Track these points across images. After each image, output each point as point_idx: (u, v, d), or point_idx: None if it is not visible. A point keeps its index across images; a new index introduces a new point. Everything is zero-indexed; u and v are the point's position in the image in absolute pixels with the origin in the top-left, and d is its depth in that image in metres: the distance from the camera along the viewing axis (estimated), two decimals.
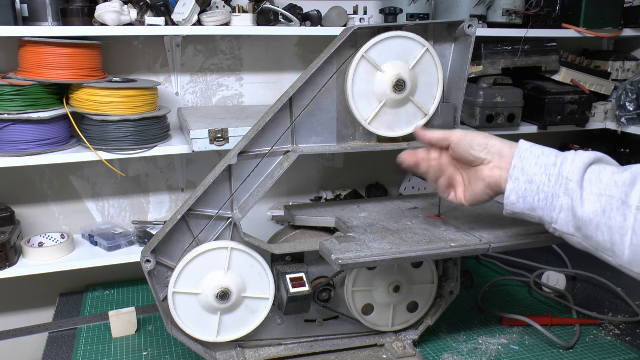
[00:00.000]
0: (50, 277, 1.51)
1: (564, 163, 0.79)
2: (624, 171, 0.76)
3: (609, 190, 0.74)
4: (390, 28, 1.06)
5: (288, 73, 1.74)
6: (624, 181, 0.74)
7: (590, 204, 0.75)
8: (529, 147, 0.84)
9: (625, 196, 0.72)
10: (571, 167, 0.78)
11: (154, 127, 1.42)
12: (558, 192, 0.77)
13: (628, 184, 0.73)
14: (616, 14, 1.76)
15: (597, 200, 0.74)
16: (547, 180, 0.79)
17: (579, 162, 0.78)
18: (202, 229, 1.07)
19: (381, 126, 1.11)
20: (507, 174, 0.84)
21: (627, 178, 0.74)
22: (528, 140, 0.87)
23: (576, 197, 0.75)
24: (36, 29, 1.28)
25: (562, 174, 0.78)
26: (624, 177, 0.74)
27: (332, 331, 1.21)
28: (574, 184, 0.76)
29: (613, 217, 0.72)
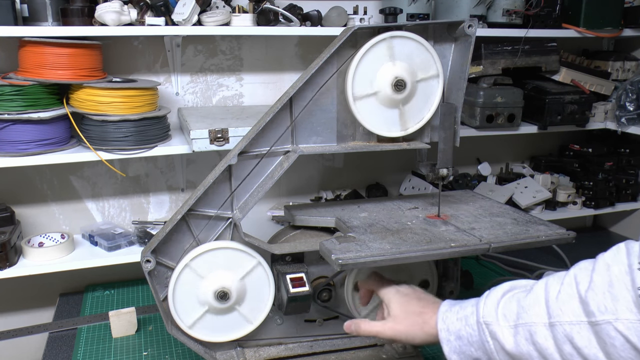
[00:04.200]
0: (50, 277, 1.51)
1: (479, 308, 0.82)
2: (527, 292, 0.78)
3: (522, 318, 0.76)
4: (390, 28, 1.06)
5: (288, 73, 1.74)
6: (529, 304, 0.76)
7: (511, 338, 0.76)
8: (448, 307, 0.87)
9: (536, 317, 0.74)
10: (485, 310, 0.80)
11: (154, 127, 1.42)
12: (485, 338, 0.79)
13: (533, 305, 0.75)
14: (616, 14, 1.76)
15: (516, 331, 0.76)
16: (472, 331, 0.81)
17: (491, 302, 0.81)
18: (202, 229, 1.07)
19: (381, 126, 1.11)
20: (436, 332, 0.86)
21: (532, 300, 0.76)
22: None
23: (499, 336, 0.77)
24: (36, 29, 1.28)
25: (480, 320, 0.80)
26: (529, 301, 0.76)
27: (332, 331, 1.21)
28: (493, 325, 0.78)
29: (536, 340, 0.74)
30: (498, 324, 0.78)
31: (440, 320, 0.85)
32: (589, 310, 0.69)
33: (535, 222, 1.11)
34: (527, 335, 0.74)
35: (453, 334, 0.83)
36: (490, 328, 0.78)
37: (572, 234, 1.06)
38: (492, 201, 1.27)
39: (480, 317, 0.80)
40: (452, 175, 1.13)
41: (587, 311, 0.69)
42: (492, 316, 0.79)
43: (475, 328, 0.80)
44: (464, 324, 0.82)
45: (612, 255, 0.71)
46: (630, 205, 2.02)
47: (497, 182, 1.94)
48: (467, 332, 0.81)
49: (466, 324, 0.82)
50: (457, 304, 0.86)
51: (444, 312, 0.86)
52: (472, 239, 1.02)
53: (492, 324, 0.78)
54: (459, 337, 0.82)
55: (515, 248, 1.03)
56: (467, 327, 0.81)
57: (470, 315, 0.82)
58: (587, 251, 1.97)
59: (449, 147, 1.11)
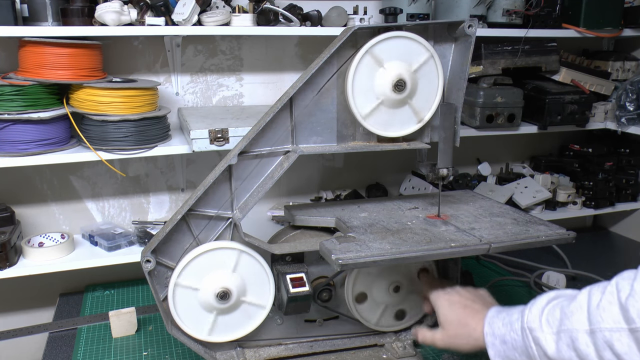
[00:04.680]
0: (50, 277, 1.51)
1: (524, 314, 0.84)
2: (571, 301, 0.79)
3: (564, 325, 0.77)
4: (390, 28, 1.06)
5: (288, 73, 1.74)
6: (571, 311, 0.77)
7: (554, 344, 0.78)
8: (495, 313, 0.90)
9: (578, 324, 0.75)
10: (530, 317, 0.83)
11: (154, 127, 1.42)
12: (529, 344, 0.81)
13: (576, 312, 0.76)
14: (616, 14, 1.76)
15: (558, 338, 0.78)
16: (516, 336, 0.84)
17: (536, 309, 0.83)
18: (202, 228, 1.07)
19: (376, 124, 1.11)
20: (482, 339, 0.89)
21: (575, 307, 0.77)
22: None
23: (542, 342, 0.79)
24: (36, 29, 1.28)
25: (525, 325, 0.82)
26: (572, 308, 0.78)
27: (332, 331, 1.21)
28: (537, 331, 0.81)
29: (578, 347, 0.75)
30: (541, 330, 0.80)
31: (487, 324, 0.89)
32: (629, 317, 0.69)
33: (535, 222, 1.11)
34: (569, 341, 0.76)
35: (498, 338, 0.86)
36: (534, 334, 0.81)
37: (572, 234, 1.06)
38: (492, 201, 1.27)
39: (525, 322, 0.82)
40: (452, 175, 1.14)
41: (627, 318, 0.70)
42: (536, 322, 0.81)
43: (519, 333, 0.83)
44: (509, 329, 0.85)
45: None
46: (630, 205, 2.02)
47: (497, 182, 1.94)
48: (511, 337, 0.84)
49: (511, 329, 0.84)
50: (504, 310, 0.90)
51: (491, 318, 0.90)
52: (472, 239, 1.02)
53: (536, 330, 0.80)
54: (503, 342, 0.85)
55: (515, 248, 1.03)
56: (512, 333, 0.84)
57: (516, 321, 0.84)
58: (587, 251, 1.97)
59: (449, 147, 1.11)
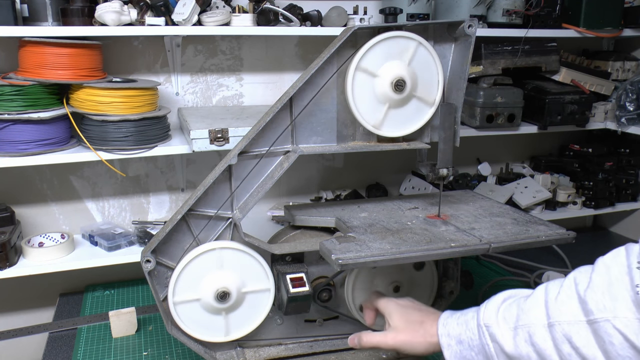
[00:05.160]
0: (50, 277, 1.51)
1: (479, 312, 0.82)
2: (528, 297, 0.78)
3: (521, 320, 0.76)
4: (390, 28, 1.06)
5: (288, 73, 1.74)
6: (528, 307, 0.76)
7: (511, 340, 0.77)
8: (449, 314, 0.88)
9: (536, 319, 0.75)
10: (486, 314, 0.81)
11: (154, 127, 1.42)
12: (485, 341, 0.80)
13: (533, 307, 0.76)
14: (616, 14, 1.76)
15: (515, 333, 0.76)
16: (472, 334, 0.82)
17: (492, 306, 0.81)
18: (202, 228, 1.07)
19: (390, 128, 1.11)
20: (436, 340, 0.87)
21: (532, 302, 0.77)
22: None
23: (499, 338, 0.78)
24: (36, 29, 1.28)
25: (481, 322, 0.81)
26: (528, 304, 0.77)
27: (332, 331, 1.21)
28: (493, 327, 0.79)
29: (535, 342, 0.74)
30: (498, 326, 0.78)
31: (441, 325, 0.86)
32: (587, 309, 0.69)
33: (535, 222, 1.11)
34: (527, 336, 0.75)
35: (454, 338, 0.84)
36: (490, 330, 0.79)
37: (572, 234, 1.06)
38: (492, 201, 1.27)
39: (481, 320, 0.81)
40: (452, 175, 1.13)
41: (585, 310, 0.69)
42: (493, 319, 0.79)
43: (475, 332, 0.81)
44: (464, 328, 0.83)
45: (611, 257, 0.71)
46: (630, 205, 2.02)
47: (497, 182, 1.94)
48: (467, 336, 0.82)
49: (467, 328, 0.82)
50: (459, 311, 0.87)
51: (445, 319, 0.87)
52: (472, 239, 1.02)
53: (492, 326, 0.79)
54: (459, 342, 0.83)
55: (515, 248, 1.03)
56: (467, 331, 0.82)
57: (471, 320, 0.82)
58: (587, 251, 1.98)
59: (449, 147, 1.11)
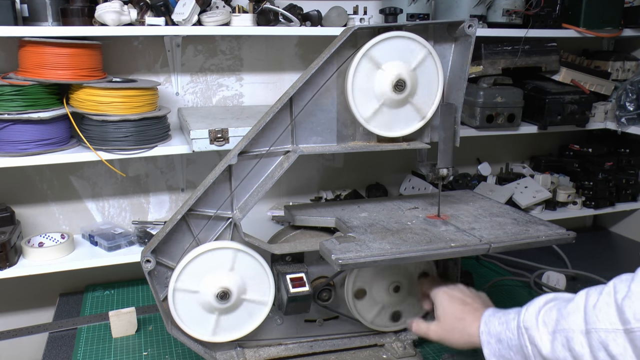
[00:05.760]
0: (50, 277, 1.51)
1: (521, 314, 0.84)
2: (568, 302, 0.79)
3: (560, 325, 0.77)
4: (390, 28, 1.06)
5: (288, 73, 1.74)
6: (568, 312, 0.77)
7: (549, 344, 0.78)
8: (492, 312, 0.91)
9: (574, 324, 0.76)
10: (526, 316, 0.83)
11: (154, 127, 1.42)
12: (524, 343, 0.82)
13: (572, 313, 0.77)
14: (616, 14, 1.76)
15: (554, 337, 0.78)
16: (511, 335, 0.84)
17: (533, 309, 0.83)
18: (202, 228, 1.07)
19: (379, 125, 1.11)
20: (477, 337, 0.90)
21: (571, 308, 0.78)
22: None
23: (538, 341, 0.80)
24: (36, 29, 1.28)
25: (521, 324, 0.83)
26: (568, 309, 0.78)
27: (332, 331, 1.21)
28: (532, 330, 0.81)
29: (573, 347, 0.75)
30: (537, 329, 0.80)
31: (483, 323, 0.89)
32: (624, 318, 0.69)
33: (535, 222, 1.11)
34: (564, 341, 0.76)
35: (494, 336, 0.86)
36: (529, 333, 0.81)
37: (572, 234, 1.06)
38: (492, 201, 1.27)
39: (521, 321, 0.83)
40: (452, 175, 1.14)
41: (622, 319, 0.70)
42: (532, 322, 0.81)
43: (515, 332, 0.83)
44: (504, 328, 0.85)
45: None
46: (630, 205, 2.02)
47: (497, 182, 1.94)
48: (507, 336, 0.84)
49: (507, 328, 0.85)
50: (501, 310, 0.90)
51: (488, 317, 0.90)
52: (472, 239, 1.02)
53: (532, 329, 0.81)
54: (499, 341, 0.85)
55: (515, 248, 1.03)
56: (507, 331, 0.84)
57: (512, 320, 0.85)
58: (587, 251, 1.97)
59: (449, 147, 1.11)
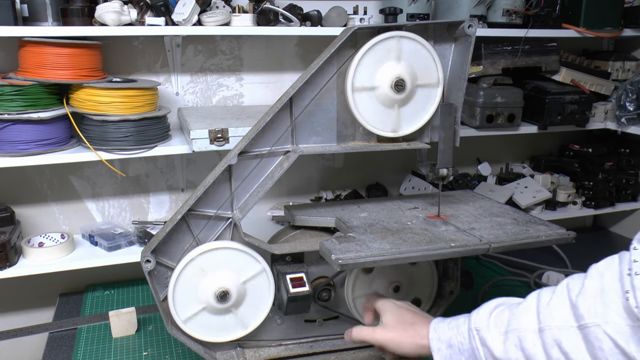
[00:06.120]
0: (50, 277, 1.51)
1: (471, 317, 0.83)
2: (520, 304, 0.79)
3: (512, 325, 0.77)
4: (390, 28, 1.06)
5: (288, 73, 1.74)
6: (520, 312, 0.77)
7: (501, 344, 0.77)
8: (441, 319, 0.89)
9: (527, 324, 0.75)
10: (477, 318, 0.82)
11: (154, 127, 1.42)
12: (475, 345, 0.80)
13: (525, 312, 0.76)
14: (616, 14, 1.76)
15: (506, 338, 0.77)
16: (462, 339, 0.82)
17: (483, 311, 0.82)
18: (202, 228, 1.07)
19: (408, 124, 1.11)
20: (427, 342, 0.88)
21: (523, 308, 0.77)
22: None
23: (489, 342, 0.78)
24: (36, 29, 1.28)
25: (472, 327, 0.81)
26: (520, 309, 0.77)
27: (332, 331, 1.21)
28: (484, 331, 0.80)
29: (525, 346, 0.74)
30: (489, 331, 0.79)
31: (432, 329, 0.87)
32: (578, 314, 0.69)
33: (535, 222, 1.11)
34: (517, 341, 0.75)
35: (444, 342, 0.84)
36: (480, 334, 0.79)
37: (572, 234, 1.06)
38: (492, 201, 1.27)
39: (472, 324, 0.81)
40: (452, 175, 1.14)
41: (576, 315, 0.69)
42: (484, 323, 0.80)
43: (466, 336, 0.81)
44: (455, 332, 0.83)
45: (605, 264, 0.72)
46: (630, 205, 2.02)
47: (497, 182, 1.94)
48: (458, 340, 0.82)
49: (457, 333, 0.83)
50: (450, 317, 0.88)
51: (437, 323, 0.88)
52: (472, 239, 1.02)
53: (483, 330, 0.79)
54: (450, 346, 0.83)
55: (515, 248, 1.03)
56: (458, 336, 0.82)
57: (462, 324, 0.83)
58: (587, 251, 1.97)
59: (449, 147, 1.11)
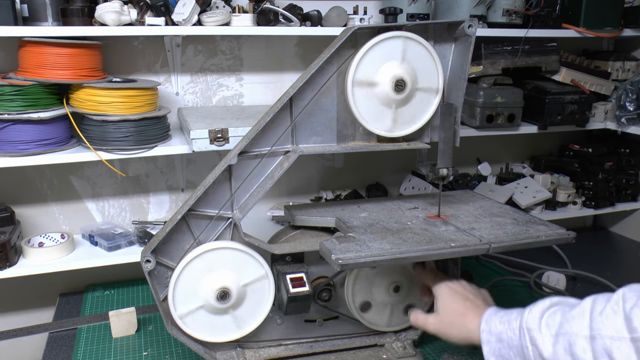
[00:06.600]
0: (50, 277, 1.51)
1: (524, 314, 0.83)
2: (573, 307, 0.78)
3: (564, 328, 0.76)
4: (390, 28, 1.06)
5: (288, 73, 1.74)
6: (572, 316, 0.77)
7: (550, 346, 0.77)
8: (494, 311, 0.89)
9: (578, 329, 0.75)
10: (529, 316, 0.82)
11: (154, 127, 1.42)
12: (525, 344, 0.81)
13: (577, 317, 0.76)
14: (616, 14, 1.76)
15: (556, 340, 0.77)
16: (513, 335, 0.83)
17: (536, 310, 0.82)
18: (203, 229, 1.07)
19: (402, 126, 1.11)
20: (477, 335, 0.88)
21: (577, 313, 0.77)
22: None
23: (539, 343, 0.79)
24: (36, 29, 1.28)
25: (523, 325, 0.82)
26: (573, 313, 0.77)
27: (332, 331, 1.21)
28: (535, 331, 0.80)
29: (575, 352, 0.74)
30: (540, 331, 0.79)
31: (484, 322, 0.88)
32: (632, 326, 0.69)
33: (535, 222, 1.11)
34: (567, 345, 0.75)
35: (494, 335, 0.85)
36: (531, 334, 0.80)
37: (572, 234, 1.06)
38: (492, 201, 1.27)
39: (524, 322, 0.82)
40: (452, 175, 1.14)
41: (630, 327, 0.69)
42: (536, 323, 0.80)
43: (517, 332, 0.82)
44: (506, 327, 0.84)
45: None
46: (630, 205, 2.02)
47: (497, 182, 1.94)
48: (508, 335, 0.83)
49: (509, 328, 0.84)
50: (503, 310, 0.89)
51: (489, 315, 0.89)
52: (472, 239, 1.02)
53: (534, 330, 0.80)
54: (499, 340, 0.84)
55: (515, 248, 1.03)
56: (509, 331, 0.83)
57: (514, 320, 0.84)
58: (587, 251, 1.97)
59: (449, 147, 1.11)
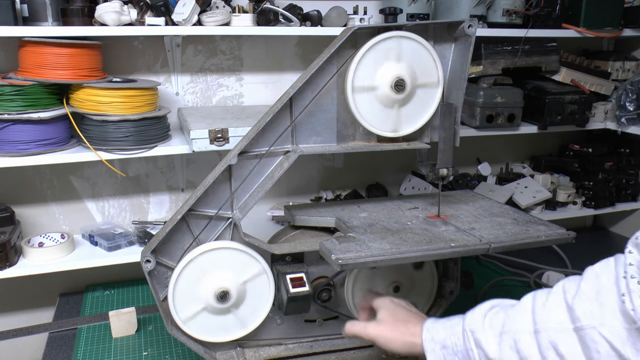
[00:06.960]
0: (50, 277, 1.51)
1: (465, 318, 0.82)
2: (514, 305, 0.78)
3: (507, 326, 0.76)
4: (390, 28, 1.06)
5: (288, 73, 1.74)
6: (515, 312, 0.76)
7: (496, 346, 0.77)
8: (435, 319, 0.88)
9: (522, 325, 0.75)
10: (472, 319, 0.81)
11: (154, 127, 1.42)
12: (470, 347, 0.79)
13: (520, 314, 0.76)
14: (616, 14, 1.76)
15: (501, 339, 0.76)
16: (457, 340, 0.81)
17: (478, 312, 0.81)
18: (202, 229, 1.07)
19: (408, 124, 1.11)
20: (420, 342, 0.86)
21: (519, 309, 0.77)
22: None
23: (484, 344, 0.78)
24: (36, 29, 1.28)
25: (466, 328, 0.80)
26: (515, 310, 0.77)
27: (332, 331, 1.21)
28: (478, 333, 0.79)
29: (520, 348, 0.74)
30: (483, 332, 0.78)
31: (426, 330, 0.86)
32: (574, 316, 0.69)
33: (535, 222, 1.11)
34: (512, 343, 0.74)
35: (438, 343, 0.83)
36: (475, 336, 0.79)
37: (572, 234, 1.06)
38: (492, 201, 1.27)
39: (467, 325, 0.80)
40: (452, 175, 1.14)
41: (573, 317, 0.69)
42: (478, 325, 0.79)
43: (460, 337, 0.81)
44: (449, 333, 0.82)
45: (601, 266, 0.71)
46: (630, 205, 2.02)
47: (497, 182, 1.94)
48: (452, 341, 0.81)
49: (452, 333, 0.82)
50: (444, 317, 0.87)
51: (431, 324, 0.87)
52: (472, 239, 1.02)
53: (477, 332, 0.79)
54: (443, 347, 0.82)
55: (515, 248, 1.03)
56: (452, 337, 0.82)
57: (457, 325, 0.82)
58: (587, 251, 1.97)
59: (449, 147, 1.11)
